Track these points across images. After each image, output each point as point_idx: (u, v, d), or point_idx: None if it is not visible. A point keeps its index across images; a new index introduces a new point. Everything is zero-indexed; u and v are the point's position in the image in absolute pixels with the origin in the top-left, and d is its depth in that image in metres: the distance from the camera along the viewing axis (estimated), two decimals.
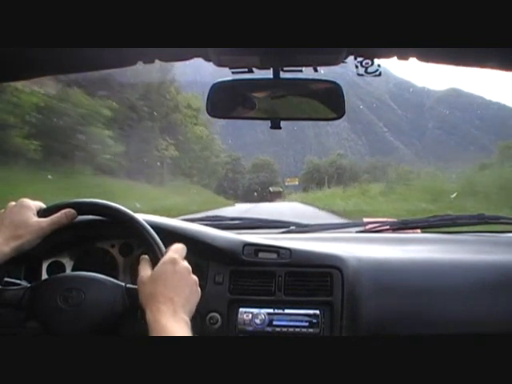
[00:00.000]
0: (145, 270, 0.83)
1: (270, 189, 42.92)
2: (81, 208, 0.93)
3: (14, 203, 0.91)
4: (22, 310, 0.84)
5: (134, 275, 1.07)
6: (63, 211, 0.90)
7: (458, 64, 0.84)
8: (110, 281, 0.88)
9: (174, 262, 0.82)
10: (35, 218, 0.88)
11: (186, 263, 0.84)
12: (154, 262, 0.85)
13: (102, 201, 0.95)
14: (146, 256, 0.86)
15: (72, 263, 1.08)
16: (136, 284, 0.86)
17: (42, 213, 0.90)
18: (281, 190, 42.39)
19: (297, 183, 40.18)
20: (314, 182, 39.12)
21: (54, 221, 0.88)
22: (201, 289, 0.85)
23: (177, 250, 0.85)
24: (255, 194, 43.45)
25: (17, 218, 0.87)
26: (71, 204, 0.93)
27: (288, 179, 42.12)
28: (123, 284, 0.87)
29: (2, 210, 0.90)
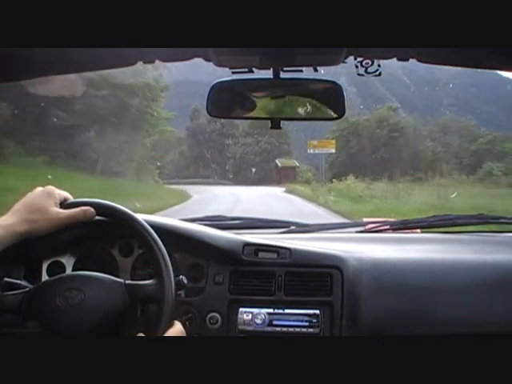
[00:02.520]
0: None
1: (278, 162, 29.05)
2: (101, 209, 0.94)
3: (40, 188, 0.91)
4: (21, 314, 0.84)
5: (134, 275, 1.07)
6: (83, 208, 0.90)
7: (458, 64, 0.84)
8: (109, 278, 0.88)
9: None
10: (55, 208, 0.89)
11: None
12: (155, 261, 0.85)
13: (103, 201, 0.95)
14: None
15: (72, 263, 1.08)
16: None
17: (65, 204, 0.90)
18: (295, 164, 28.59)
19: (333, 150, 22.63)
20: (350, 151, 24.70)
21: (72, 215, 0.89)
22: (201, 290, 0.85)
23: (175, 333, 0.82)
24: (253, 170, 30.03)
25: (36, 203, 0.88)
26: (92, 203, 0.93)
27: (314, 142, 21.76)
28: (122, 281, 0.88)
29: (29, 193, 0.91)
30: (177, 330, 0.82)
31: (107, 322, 0.84)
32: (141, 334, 0.79)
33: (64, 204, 0.92)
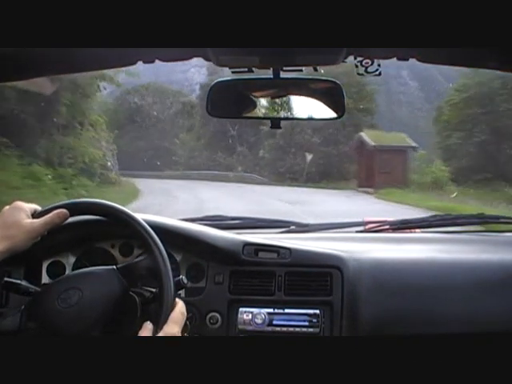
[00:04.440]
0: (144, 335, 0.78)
1: (366, 138, 15.12)
2: (76, 208, 0.93)
3: (7, 206, 0.91)
4: (22, 332, 0.84)
5: None
6: (55, 211, 0.90)
7: (458, 64, 0.84)
8: (101, 269, 0.88)
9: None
10: (28, 220, 0.88)
11: None
12: (154, 262, 0.85)
13: (100, 200, 0.95)
14: (150, 325, 0.80)
15: (72, 263, 1.08)
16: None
17: (36, 215, 0.91)
18: (408, 143, 15.01)
19: None
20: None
21: (46, 221, 0.89)
22: (201, 290, 0.85)
23: (177, 321, 0.80)
24: (308, 158, 16.40)
25: (9, 220, 0.87)
26: (66, 205, 0.93)
27: None
28: (114, 266, 0.88)
29: None
30: (179, 308, 0.82)
31: (109, 312, 0.84)
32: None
33: (36, 214, 0.91)
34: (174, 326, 0.79)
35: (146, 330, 0.78)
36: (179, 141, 23.01)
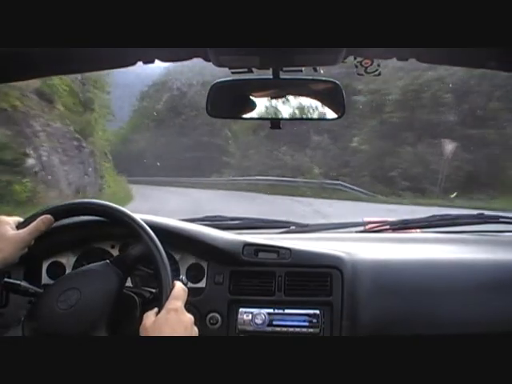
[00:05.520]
0: (148, 318, 0.79)
1: None
2: (60, 211, 0.94)
3: None
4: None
5: (133, 275, 1.07)
6: (39, 218, 0.91)
7: (458, 64, 0.84)
8: (95, 265, 0.89)
9: (177, 311, 0.79)
10: (13, 231, 0.89)
11: (189, 314, 0.80)
12: (153, 262, 0.85)
13: (83, 200, 0.95)
14: (156, 310, 0.81)
15: (72, 263, 1.08)
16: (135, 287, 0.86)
17: (20, 225, 0.91)
18: None
19: None
20: None
21: (31, 230, 0.89)
22: (201, 290, 0.85)
23: (179, 296, 0.81)
24: None
25: None
26: (50, 209, 0.93)
27: None
28: (107, 260, 0.88)
29: None
30: (178, 285, 0.83)
31: (109, 307, 0.85)
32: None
33: (20, 225, 0.91)
34: (175, 302, 0.79)
35: (151, 312, 0.79)
36: (231, 133, 16.75)
